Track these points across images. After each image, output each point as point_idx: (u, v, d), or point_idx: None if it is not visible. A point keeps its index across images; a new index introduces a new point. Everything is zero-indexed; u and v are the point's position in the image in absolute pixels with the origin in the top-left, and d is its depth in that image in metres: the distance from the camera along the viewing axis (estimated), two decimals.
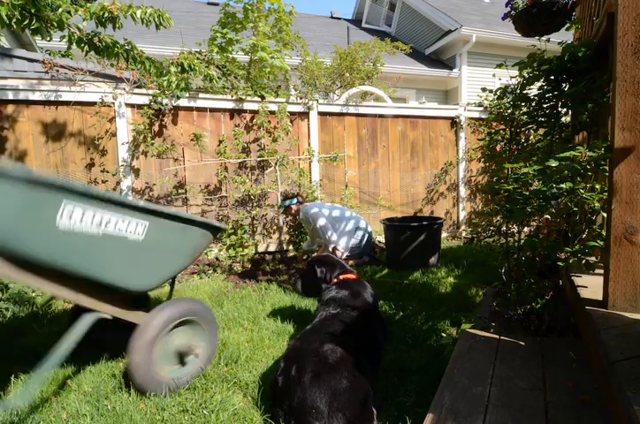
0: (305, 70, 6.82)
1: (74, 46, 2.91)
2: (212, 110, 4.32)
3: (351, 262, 3.96)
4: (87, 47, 2.95)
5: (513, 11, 2.48)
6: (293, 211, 4.00)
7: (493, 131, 2.49)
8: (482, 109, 5.51)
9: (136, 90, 4.00)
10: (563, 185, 1.59)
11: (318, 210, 3.80)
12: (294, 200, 3.93)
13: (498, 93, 2.27)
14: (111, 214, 1.53)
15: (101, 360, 1.98)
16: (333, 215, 3.86)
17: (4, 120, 3.67)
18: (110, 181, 3.99)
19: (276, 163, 4.46)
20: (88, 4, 2.88)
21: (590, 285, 1.62)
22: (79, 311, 1.70)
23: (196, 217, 1.84)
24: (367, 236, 3.95)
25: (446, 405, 1.29)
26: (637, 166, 1.29)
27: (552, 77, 1.94)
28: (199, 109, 4.27)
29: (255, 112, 4.48)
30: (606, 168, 1.47)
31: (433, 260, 3.84)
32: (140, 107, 4.00)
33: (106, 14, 2.84)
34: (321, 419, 1.35)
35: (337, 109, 4.88)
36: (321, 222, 3.72)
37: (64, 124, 3.85)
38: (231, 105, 4.38)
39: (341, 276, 2.30)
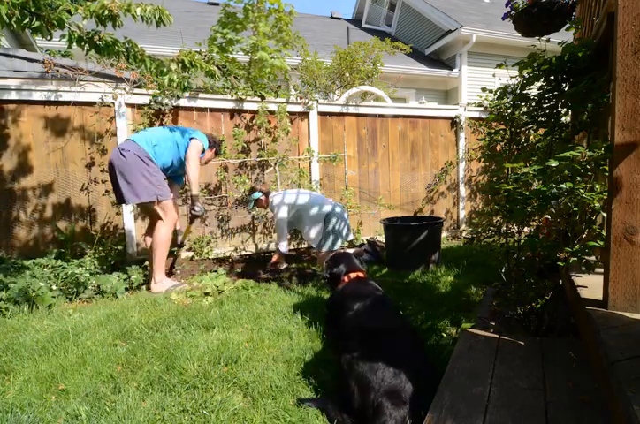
0: (305, 70, 6.82)
1: (74, 45, 2.90)
2: (212, 110, 4.32)
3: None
4: (87, 45, 2.93)
5: (513, 11, 2.48)
6: (263, 204, 3.87)
7: (493, 131, 2.48)
8: (482, 109, 5.51)
9: (136, 90, 4.00)
10: (563, 185, 1.59)
11: (280, 200, 3.66)
12: (257, 194, 3.80)
13: (498, 93, 2.26)
14: None
15: (100, 361, 1.98)
16: (299, 203, 3.69)
17: (5, 120, 3.67)
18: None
19: (276, 163, 4.46)
20: (88, 3, 2.87)
21: (590, 285, 1.62)
22: None
23: None
24: (335, 218, 3.65)
25: (446, 404, 1.29)
26: (637, 166, 1.29)
27: (552, 77, 1.94)
28: (199, 109, 4.27)
29: (254, 112, 4.48)
30: (606, 168, 1.47)
31: (433, 259, 3.84)
32: (140, 107, 4.00)
33: (106, 12, 2.83)
34: None
35: (337, 109, 4.88)
36: (281, 214, 3.62)
37: (65, 124, 3.85)
38: (231, 105, 4.37)
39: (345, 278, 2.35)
